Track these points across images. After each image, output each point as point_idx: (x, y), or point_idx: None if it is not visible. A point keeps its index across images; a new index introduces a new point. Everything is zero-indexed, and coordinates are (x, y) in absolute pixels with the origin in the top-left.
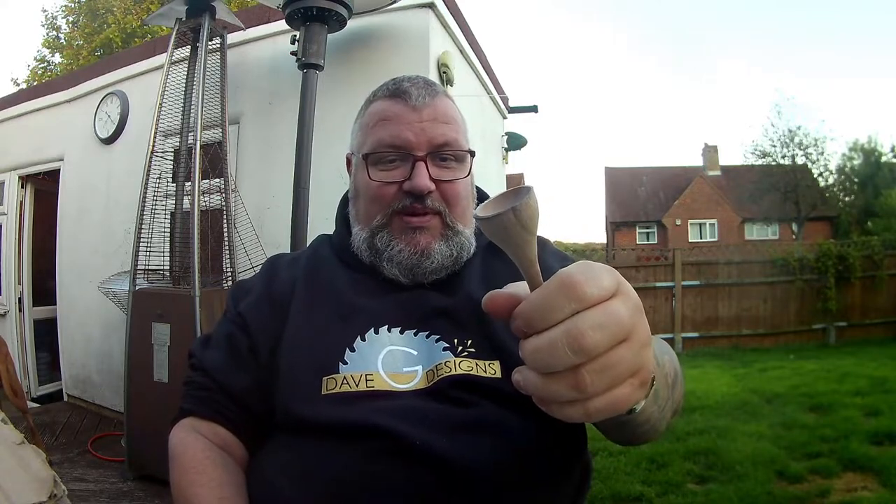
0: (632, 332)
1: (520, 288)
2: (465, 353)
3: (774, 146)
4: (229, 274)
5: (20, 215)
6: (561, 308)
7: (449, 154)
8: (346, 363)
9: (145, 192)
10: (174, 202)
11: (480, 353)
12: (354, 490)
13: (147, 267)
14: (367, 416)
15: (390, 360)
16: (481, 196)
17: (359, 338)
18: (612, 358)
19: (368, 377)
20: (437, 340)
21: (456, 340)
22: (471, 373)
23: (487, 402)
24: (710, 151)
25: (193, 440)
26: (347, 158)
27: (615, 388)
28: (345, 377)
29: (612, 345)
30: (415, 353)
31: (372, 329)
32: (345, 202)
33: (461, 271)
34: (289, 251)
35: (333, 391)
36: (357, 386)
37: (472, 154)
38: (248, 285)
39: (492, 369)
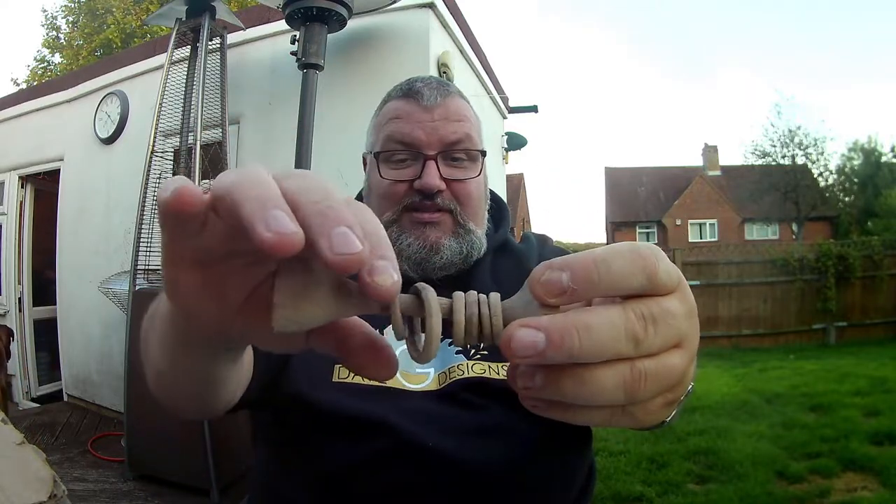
0: (685, 339)
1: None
2: (478, 356)
3: (774, 146)
4: None
5: (20, 215)
6: (630, 276)
7: (461, 153)
8: None
9: (145, 192)
10: None
11: (493, 355)
12: (363, 489)
13: (147, 267)
14: (381, 412)
15: (404, 359)
16: (494, 198)
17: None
18: (666, 362)
19: None
20: (450, 343)
21: None
22: (483, 375)
23: (498, 405)
24: (710, 151)
25: None
26: (364, 158)
27: (655, 398)
28: None
29: (667, 346)
30: None
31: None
32: (358, 200)
33: (471, 270)
34: None
35: (345, 380)
36: (370, 379)
37: (484, 154)
38: None
39: (504, 370)
